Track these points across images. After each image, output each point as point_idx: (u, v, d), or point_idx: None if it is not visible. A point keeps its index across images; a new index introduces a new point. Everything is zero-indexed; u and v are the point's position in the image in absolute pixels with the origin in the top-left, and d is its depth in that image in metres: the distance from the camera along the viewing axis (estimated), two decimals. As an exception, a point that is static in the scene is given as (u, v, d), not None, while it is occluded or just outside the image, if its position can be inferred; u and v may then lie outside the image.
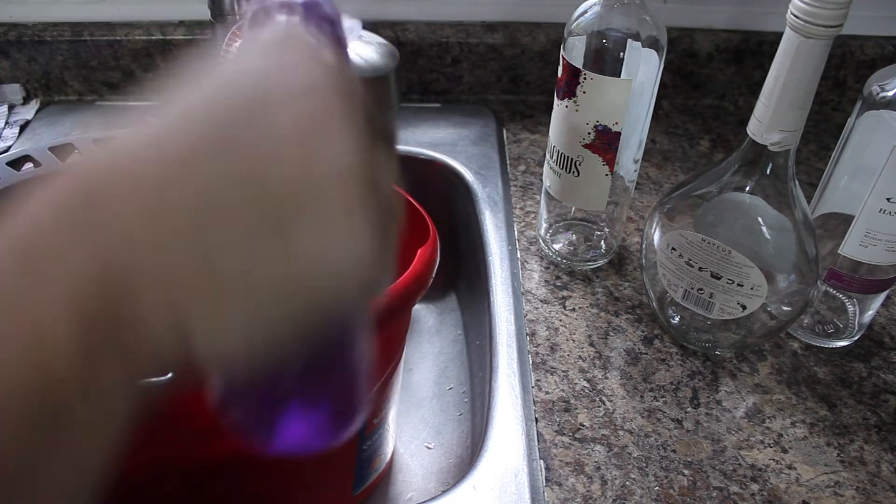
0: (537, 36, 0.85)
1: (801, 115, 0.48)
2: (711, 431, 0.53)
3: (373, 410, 0.53)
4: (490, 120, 0.84)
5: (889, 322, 0.63)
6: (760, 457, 0.52)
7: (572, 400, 0.55)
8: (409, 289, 0.45)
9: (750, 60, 0.88)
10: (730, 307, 0.55)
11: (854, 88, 0.90)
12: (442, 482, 0.64)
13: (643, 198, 0.75)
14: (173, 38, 0.81)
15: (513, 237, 0.69)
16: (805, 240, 0.52)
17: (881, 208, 0.52)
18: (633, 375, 0.57)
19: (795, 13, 0.44)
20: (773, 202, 0.52)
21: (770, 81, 0.48)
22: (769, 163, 0.51)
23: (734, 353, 0.59)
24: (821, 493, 0.50)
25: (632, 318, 0.62)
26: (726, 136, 0.86)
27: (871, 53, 0.88)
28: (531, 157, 0.80)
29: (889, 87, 0.51)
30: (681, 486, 0.50)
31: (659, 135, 0.85)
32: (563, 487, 0.49)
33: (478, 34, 0.85)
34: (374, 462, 0.59)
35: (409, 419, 0.69)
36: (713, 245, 0.53)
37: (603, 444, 0.52)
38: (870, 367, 0.59)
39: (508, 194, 0.74)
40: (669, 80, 0.89)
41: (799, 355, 0.60)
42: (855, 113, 0.53)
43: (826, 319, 0.60)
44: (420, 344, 0.76)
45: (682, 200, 0.56)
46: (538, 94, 0.89)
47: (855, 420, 0.55)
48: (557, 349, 0.59)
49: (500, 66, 0.87)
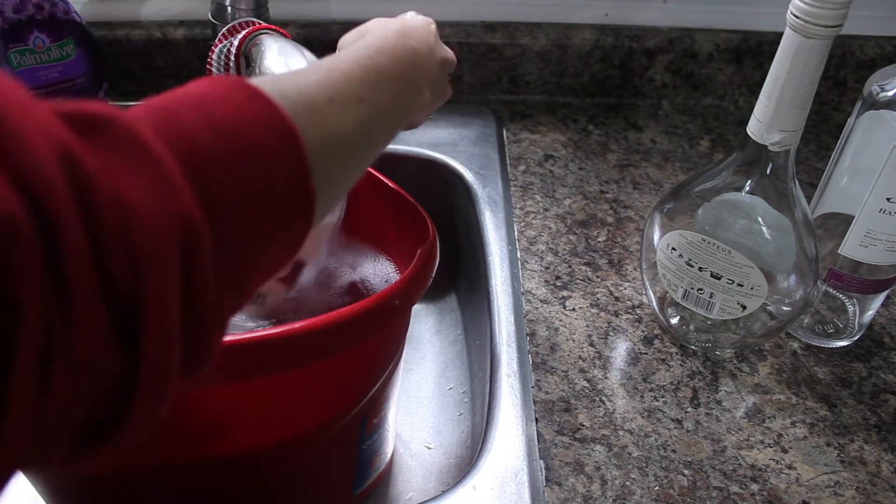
0: (537, 36, 0.85)
1: (801, 115, 0.48)
2: (711, 431, 0.53)
3: (373, 410, 0.53)
4: (490, 120, 0.84)
5: (889, 322, 0.63)
6: (760, 457, 0.52)
7: (572, 400, 0.55)
8: (408, 288, 0.45)
9: (750, 60, 0.88)
10: (730, 307, 0.55)
11: (854, 88, 0.90)
12: (442, 482, 0.64)
13: (643, 198, 0.75)
14: (173, 37, 0.81)
15: (513, 237, 0.69)
16: (805, 240, 0.52)
17: (881, 208, 0.52)
18: (633, 375, 0.57)
19: (795, 13, 0.44)
20: (773, 202, 0.52)
21: (770, 81, 0.48)
22: (769, 163, 0.51)
23: (734, 353, 0.59)
24: (821, 493, 0.50)
25: (632, 318, 0.62)
26: (726, 136, 0.86)
27: (871, 53, 0.88)
28: (531, 157, 0.80)
29: (889, 87, 0.51)
30: (681, 486, 0.50)
31: (659, 135, 0.85)
32: (563, 487, 0.49)
33: (478, 34, 0.85)
34: (374, 462, 0.59)
35: (409, 419, 0.69)
36: (713, 245, 0.53)
37: (603, 444, 0.52)
38: (870, 367, 0.59)
39: (508, 194, 0.74)
40: (669, 80, 0.89)
41: (799, 355, 0.60)
42: (855, 113, 0.53)
43: (826, 319, 0.60)
44: (420, 344, 0.76)
45: (682, 200, 0.56)
46: (538, 94, 0.89)
47: (855, 420, 0.55)
48: (557, 349, 0.59)
49: (500, 66, 0.87)
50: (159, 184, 0.23)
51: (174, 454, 0.46)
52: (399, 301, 0.45)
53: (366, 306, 0.43)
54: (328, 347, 0.43)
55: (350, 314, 0.42)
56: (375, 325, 0.45)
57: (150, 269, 0.22)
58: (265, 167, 0.27)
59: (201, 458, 0.47)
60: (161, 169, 0.23)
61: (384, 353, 0.50)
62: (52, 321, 0.20)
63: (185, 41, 0.82)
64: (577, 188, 0.76)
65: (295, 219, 0.29)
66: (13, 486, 0.22)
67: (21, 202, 0.19)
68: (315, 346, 0.43)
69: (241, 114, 0.26)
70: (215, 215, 0.25)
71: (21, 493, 0.56)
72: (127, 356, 0.22)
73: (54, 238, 0.19)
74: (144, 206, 0.22)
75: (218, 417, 0.45)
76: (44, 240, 0.19)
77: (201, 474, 0.49)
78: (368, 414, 0.52)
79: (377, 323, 0.45)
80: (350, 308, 0.42)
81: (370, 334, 0.45)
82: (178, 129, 0.25)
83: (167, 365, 0.23)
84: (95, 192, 0.21)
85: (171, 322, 0.23)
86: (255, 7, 0.71)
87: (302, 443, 0.49)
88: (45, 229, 0.19)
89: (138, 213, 0.22)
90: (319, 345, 0.43)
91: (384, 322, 0.46)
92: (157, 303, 0.22)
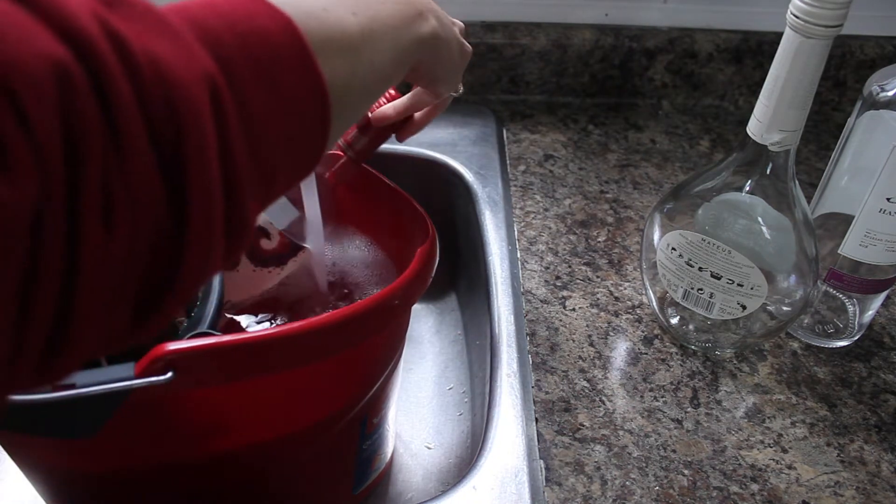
0: (537, 36, 0.85)
1: (801, 115, 0.48)
2: (711, 431, 0.53)
3: (373, 410, 0.53)
4: (490, 120, 0.84)
5: (889, 322, 0.63)
6: (760, 457, 0.52)
7: (572, 400, 0.55)
8: (408, 288, 0.45)
9: (750, 60, 0.88)
10: (730, 307, 0.55)
11: (854, 88, 0.90)
12: (442, 482, 0.64)
13: (643, 198, 0.75)
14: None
15: (513, 237, 0.69)
16: (805, 240, 0.52)
17: (881, 208, 0.52)
18: (633, 375, 0.57)
19: (795, 13, 0.44)
20: (773, 202, 0.52)
21: (770, 81, 0.48)
22: (769, 163, 0.51)
23: (734, 353, 0.59)
24: (821, 493, 0.50)
25: (632, 318, 0.62)
26: (726, 136, 0.86)
27: (871, 53, 0.88)
28: (531, 157, 0.80)
29: (889, 87, 0.51)
30: (681, 486, 0.50)
31: (659, 135, 0.85)
32: (563, 487, 0.49)
33: (478, 34, 0.85)
34: (374, 462, 0.59)
35: (409, 419, 0.69)
36: (713, 245, 0.53)
37: (603, 444, 0.52)
38: (870, 367, 0.59)
39: (508, 194, 0.74)
40: (669, 80, 0.89)
41: (799, 355, 0.60)
42: (855, 113, 0.53)
43: (826, 319, 0.60)
44: (420, 344, 0.76)
45: (682, 200, 0.56)
46: (538, 94, 0.89)
47: (855, 420, 0.55)
48: (557, 349, 0.59)
49: (500, 66, 0.87)
50: (182, 47, 0.24)
51: (174, 454, 0.46)
52: (399, 301, 0.45)
53: (365, 306, 0.43)
54: (328, 347, 0.43)
55: (350, 314, 0.42)
56: (375, 324, 0.45)
57: (189, 119, 0.23)
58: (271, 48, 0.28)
59: (201, 458, 0.47)
60: (181, 35, 0.25)
61: (384, 352, 0.50)
62: (108, 159, 0.22)
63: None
64: (577, 188, 0.76)
65: (309, 105, 0.30)
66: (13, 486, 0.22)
67: (69, 53, 0.21)
68: (315, 346, 0.43)
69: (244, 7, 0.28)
70: (231, 83, 0.26)
71: (21, 493, 0.56)
72: (175, 209, 0.24)
73: (101, 84, 0.21)
74: (174, 62, 0.24)
75: (218, 417, 0.45)
76: (93, 85, 0.21)
77: (201, 474, 0.49)
78: (368, 414, 0.52)
79: (377, 323, 0.45)
80: (350, 308, 0.42)
81: (370, 334, 0.45)
82: (187, 13, 0.27)
83: (212, 216, 0.25)
84: (130, 47, 0.22)
85: (212, 174, 0.24)
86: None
87: (302, 443, 0.49)
88: (92, 76, 0.21)
89: (171, 66, 0.23)
90: (319, 345, 0.43)
91: (384, 322, 0.46)
92: (197, 152, 0.24)
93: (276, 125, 0.28)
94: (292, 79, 0.29)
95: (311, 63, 0.29)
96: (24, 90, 0.19)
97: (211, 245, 0.25)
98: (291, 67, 0.29)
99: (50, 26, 0.21)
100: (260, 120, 0.27)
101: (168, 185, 0.23)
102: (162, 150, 0.23)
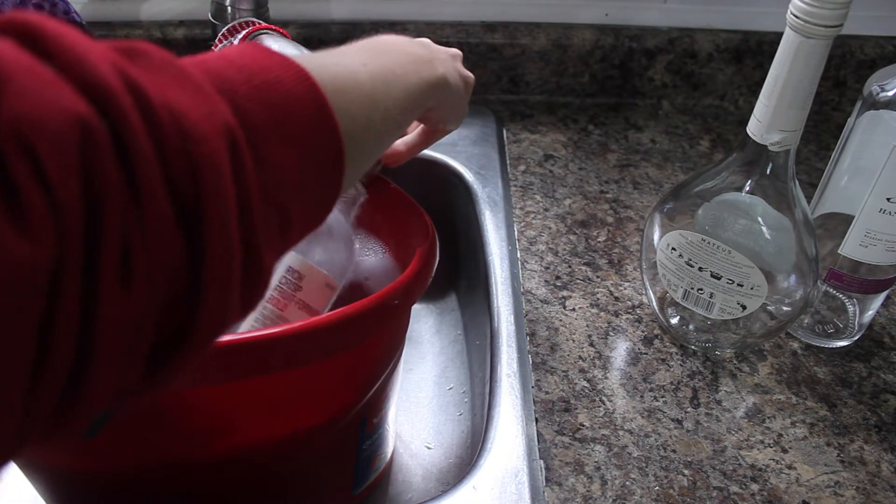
0: (537, 36, 0.85)
1: (801, 115, 0.48)
2: (711, 431, 0.53)
3: (373, 410, 0.53)
4: (490, 120, 0.84)
5: (889, 322, 0.63)
6: (760, 457, 0.52)
7: (572, 400, 0.55)
8: (408, 288, 0.45)
9: (750, 60, 0.88)
10: (730, 307, 0.55)
11: (854, 88, 0.90)
12: (442, 482, 0.64)
13: (643, 198, 0.75)
14: (173, 37, 0.81)
15: (513, 237, 0.69)
16: (805, 240, 0.52)
17: (881, 208, 0.52)
18: (633, 375, 0.57)
19: (795, 13, 0.44)
20: (773, 202, 0.52)
21: (770, 81, 0.48)
22: (769, 163, 0.51)
23: (734, 353, 0.59)
24: (821, 493, 0.50)
25: (632, 318, 0.62)
26: (726, 136, 0.86)
27: (871, 53, 0.88)
28: (531, 157, 0.80)
29: (889, 87, 0.51)
30: (681, 486, 0.50)
31: (659, 135, 0.85)
32: (563, 487, 0.49)
33: (478, 34, 0.85)
34: (374, 462, 0.59)
35: (409, 419, 0.69)
36: (713, 245, 0.53)
37: (603, 444, 0.52)
38: (870, 367, 0.59)
39: (508, 194, 0.74)
40: (669, 80, 0.89)
41: (799, 355, 0.60)
42: (855, 113, 0.53)
43: (826, 319, 0.60)
44: (420, 344, 0.76)
45: (682, 200, 0.56)
46: (538, 94, 0.89)
47: (855, 420, 0.55)
48: (557, 349, 0.59)
49: (500, 66, 0.87)
50: (200, 97, 0.25)
51: (174, 454, 0.46)
52: (399, 301, 0.45)
53: (365, 306, 0.43)
54: (328, 347, 0.43)
55: (350, 314, 0.42)
56: (375, 324, 0.45)
57: (208, 175, 0.23)
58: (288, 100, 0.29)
59: (201, 458, 0.47)
60: (200, 87, 0.25)
61: (384, 352, 0.50)
62: (127, 217, 0.21)
63: (186, 41, 0.82)
64: (577, 188, 0.76)
65: (324, 154, 0.30)
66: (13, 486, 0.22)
67: (91, 108, 0.21)
68: (315, 346, 0.43)
69: (260, 59, 0.29)
70: (249, 135, 0.26)
71: (21, 493, 0.56)
72: (192, 265, 0.24)
73: (123, 141, 0.21)
74: (193, 112, 0.24)
75: (218, 417, 0.45)
76: (113, 140, 0.21)
77: (201, 474, 0.49)
78: (368, 414, 0.52)
79: (377, 322, 0.45)
80: (350, 308, 0.42)
81: (370, 334, 0.45)
82: (205, 65, 0.27)
83: (229, 271, 0.25)
84: (151, 101, 0.23)
85: (231, 229, 0.25)
86: (256, 7, 0.71)
87: (302, 442, 0.49)
88: (114, 133, 0.21)
89: (191, 119, 0.23)
90: (319, 345, 0.43)
91: (384, 321, 0.46)
92: (216, 208, 0.24)
93: (292, 175, 0.28)
94: (308, 129, 0.29)
95: (327, 113, 0.30)
96: (44, 147, 0.19)
97: (228, 299, 0.25)
98: (307, 118, 0.29)
99: (72, 80, 0.21)
100: (277, 171, 0.27)
101: (186, 241, 0.23)
102: (181, 206, 0.23)
